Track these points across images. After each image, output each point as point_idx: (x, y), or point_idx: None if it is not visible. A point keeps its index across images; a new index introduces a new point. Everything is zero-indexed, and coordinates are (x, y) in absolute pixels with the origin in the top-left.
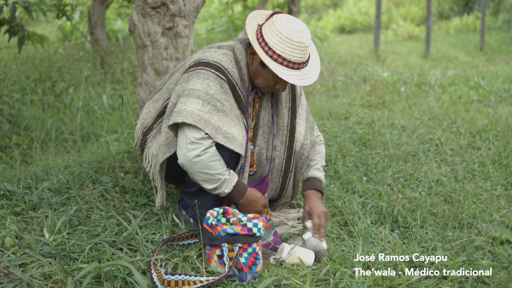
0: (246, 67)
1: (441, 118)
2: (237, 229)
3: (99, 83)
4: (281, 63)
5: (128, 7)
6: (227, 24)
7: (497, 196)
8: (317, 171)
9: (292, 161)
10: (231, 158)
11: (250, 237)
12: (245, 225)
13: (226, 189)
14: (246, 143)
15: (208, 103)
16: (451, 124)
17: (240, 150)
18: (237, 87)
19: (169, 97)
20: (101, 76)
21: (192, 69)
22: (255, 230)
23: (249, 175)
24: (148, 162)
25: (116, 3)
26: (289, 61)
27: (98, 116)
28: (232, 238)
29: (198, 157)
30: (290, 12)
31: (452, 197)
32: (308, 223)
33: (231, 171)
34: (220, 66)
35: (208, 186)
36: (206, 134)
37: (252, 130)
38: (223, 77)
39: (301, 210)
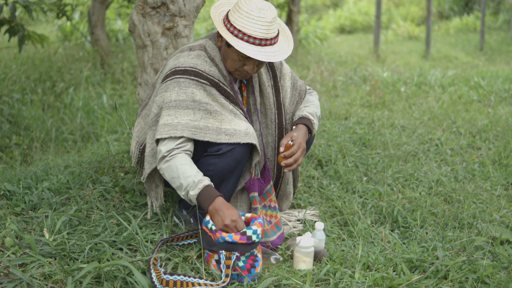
0: (221, 61)
1: (441, 118)
2: (236, 237)
3: (99, 83)
4: (242, 38)
5: (128, 7)
6: None
7: (497, 196)
8: (305, 110)
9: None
10: (245, 155)
11: (248, 246)
12: (244, 233)
13: (193, 191)
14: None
15: (198, 110)
16: (451, 124)
17: (246, 139)
18: (220, 84)
19: None
20: (101, 76)
21: (169, 78)
22: (254, 237)
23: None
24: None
25: (116, 3)
26: (249, 36)
27: (98, 116)
28: (231, 247)
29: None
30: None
31: (452, 197)
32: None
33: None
34: (197, 70)
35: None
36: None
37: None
38: (204, 81)
39: (302, 210)
